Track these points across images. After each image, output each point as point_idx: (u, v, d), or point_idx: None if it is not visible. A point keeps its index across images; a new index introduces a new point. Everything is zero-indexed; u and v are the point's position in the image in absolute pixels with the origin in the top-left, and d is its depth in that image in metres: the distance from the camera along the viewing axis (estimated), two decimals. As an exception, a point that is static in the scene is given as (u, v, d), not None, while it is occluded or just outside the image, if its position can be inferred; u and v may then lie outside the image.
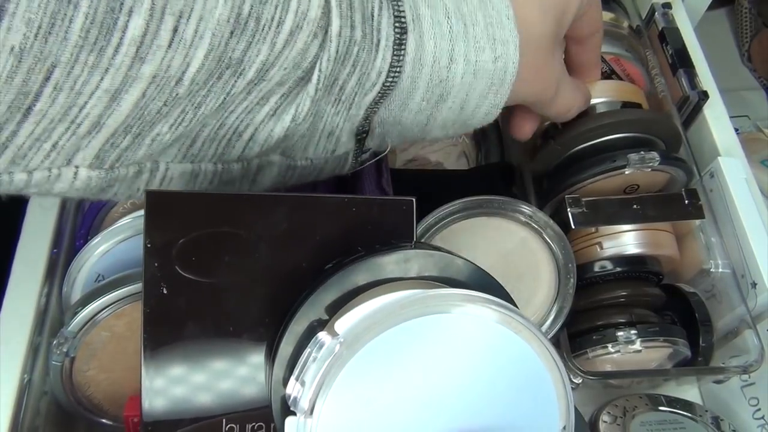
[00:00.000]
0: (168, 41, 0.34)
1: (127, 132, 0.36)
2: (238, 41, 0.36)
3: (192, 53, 0.35)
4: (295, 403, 0.32)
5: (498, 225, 0.58)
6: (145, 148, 0.38)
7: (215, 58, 0.36)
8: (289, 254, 0.37)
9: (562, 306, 0.59)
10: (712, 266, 0.64)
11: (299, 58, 0.38)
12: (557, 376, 0.34)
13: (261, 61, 0.37)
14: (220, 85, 0.37)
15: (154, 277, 0.36)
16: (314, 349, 0.32)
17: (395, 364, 0.31)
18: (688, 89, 0.70)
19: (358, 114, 0.44)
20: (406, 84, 0.43)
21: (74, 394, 0.56)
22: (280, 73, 0.39)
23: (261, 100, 0.40)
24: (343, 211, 0.39)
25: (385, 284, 0.35)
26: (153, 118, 0.36)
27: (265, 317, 0.37)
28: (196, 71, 0.35)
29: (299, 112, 0.41)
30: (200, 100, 0.37)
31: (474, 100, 0.46)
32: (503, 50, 0.44)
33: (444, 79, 0.44)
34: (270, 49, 0.37)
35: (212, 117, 0.39)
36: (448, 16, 0.43)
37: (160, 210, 0.36)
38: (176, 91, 0.36)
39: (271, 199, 0.38)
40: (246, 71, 0.37)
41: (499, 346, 0.33)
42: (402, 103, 0.44)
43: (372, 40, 0.40)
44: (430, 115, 0.46)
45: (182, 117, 0.38)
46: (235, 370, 0.38)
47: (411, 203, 0.40)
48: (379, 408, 0.31)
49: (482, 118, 0.48)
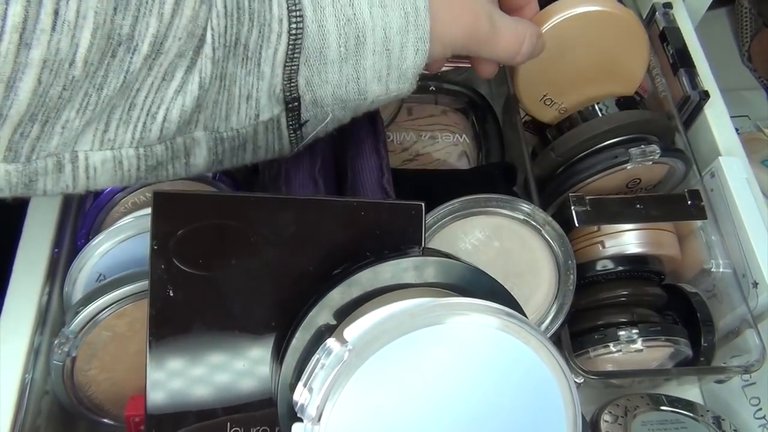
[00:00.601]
0: (51, 24, 0.34)
1: (34, 120, 0.37)
2: (123, 17, 0.36)
3: (78, 34, 0.35)
4: (302, 410, 0.32)
5: (497, 223, 0.58)
6: (57, 137, 0.38)
7: (104, 35, 0.36)
8: (296, 257, 0.37)
9: (563, 303, 0.59)
10: (713, 266, 0.64)
11: (191, 26, 0.39)
12: (565, 386, 0.33)
13: (152, 34, 0.38)
14: (116, 63, 0.37)
15: (161, 279, 0.36)
16: (323, 356, 0.32)
17: (403, 372, 0.31)
18: (689, 89, 0.70)
19: (275, 73, 0.43)
20: (313, 29, 0.42)
21: (75, 394, 0.56)
22: (176, 44, 0.39)
23: (166, 75, 0.40)
24: (351, 214, 0.38)
25: (394, 291, 0.35)
26: (56, 104, 0.37)
27: (271, 320, 0.37)
28: (86, 51, 0.36)
29: (204, 77, 0.41)
30: (100, 81, 0.38)
31: (396, 38, 0.45)
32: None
33: (351, 17, 0.43)
34: (159, 20, 0.37)
35: (119, 98, 0.39)
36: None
37: (167, 211, 0.36)
38: (71, 74, 0.36)
39: (278, 201, 0.38)
40: (140, 46, 0.38)
41: (507, 354, 0.33)
42: (319, 54, 0.44)
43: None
44: (356, 64, 0.45)
45: (86, 100, 0.38)
46: (240, 372, 0.37)
47: (420, 208, 0.40)
48: (387, 416, 0.31)
49: (413, 58, 0.47)
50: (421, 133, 0.73)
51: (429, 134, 0.73)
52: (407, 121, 0.74)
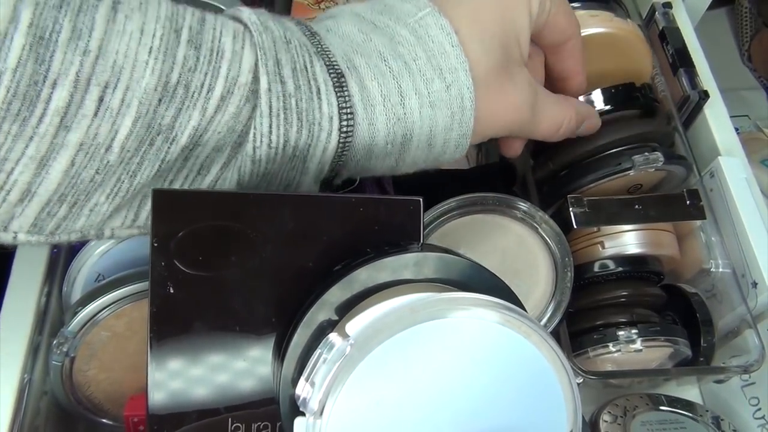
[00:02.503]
0: (94, 110, 0.34)
1: (62, 201, 0.37)
2: (167, 108, 0.36)
3: (119, 121, 0.35)
4: (304, 404, 0.32)
5: (494, 222, 0.58)
6: (84, 219, 0.38)
7: (144, 124, 0.36)
8: (295, 253, 0.37)
9: (561, 300, 0.59)
10: (712, 266, 0.64)
11: (233, 122, 0.39)
12: (565, 381, 0.34)
13: (193, 127, 0.37)
14: (153, 151, 0.37)
15: (161, 277, 0.36)
16: (324, 350, 0.32)
17: (405, 366, 0.31)
18: (689, 89, 0.70)
19: (321, 169, 0.43)
20: (363, 127, 0.42)
21: (74, 394, 0.56)
22: (214, 137, 0.39)
23: (201, 170, 0.40)
24: (349, 210, 0.39)
25: (394, 286, 0.35)
26: (87, 187, 0.37)
27: (271, 317, 0.37)
28: (125, 138, 0.36)
29: (243, 175, 0.41)
30: (134, 168, 0.37)
31: (440, 135, 0.45)
32: (453, 77, 0.43)
33: (401, 116, 0.43)
34: (201, 114, 0.37)
35: (151, 186, 0.39)
36: (384, 59, 0.43)
37: (167, 209, 0.36)
38: (107, 159, 0.36)
39: (277, 198, 0.38)
40: (178, 137, 0.37)
41: (507, 349, 0.33)
42: (367, 150, 0.44)
43: (310, 89, 0.40)
44: (399, 158, 0.45)
45: (118, 186, 0.38)
46: (241, 368, 0.37)
47: (418, 203, 0.40)
48: (389, 410, 0.31)
49: (453, 151, 0.47)
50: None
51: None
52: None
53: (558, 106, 0.52)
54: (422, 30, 0.44)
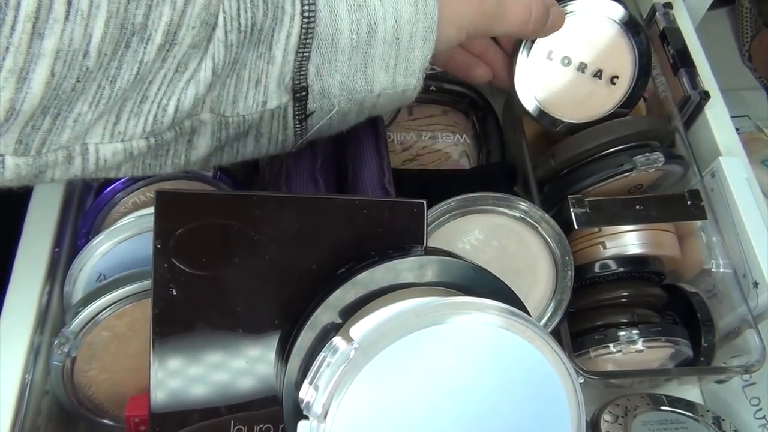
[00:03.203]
0: (64, 14, 0.34)
1: (46, 113, 0.37)
2: (137, 6, 0.36)
3: (92, 23, 0.35)
4: (308, 408, 0.32)
5: (494, 221, 0.58)
6: (68, 131, 0.38)
7: (117, 25, 0.36)
8: (299, 255, 0.37)
9: (561, 300, 0.59)
10: (713, 266, 0.64)
11: (204, 14, 0.39)
12: (569, 385, 0.34)
13: (166, 23, 0.37)
14: (130, 53, 0.37)
15: (164, 278, 0.36)
16: (329, 354, 0.32)
17: (409, 370, 0.31)
18: (690, 89, 0.70)
19: (287, 60, 0.43)
20: (325, 14, 0.43)
21: (75, 395, 0.56)
22: (190, 33, 0.39)
23: (179, 67, 0.40)
24: (353, 212, 0.38)
25: (398, 290, 0.35)
26: (69, 96, 0.37)
27: (274, 318, 0.37)
28: (100, 41, 0.35)
29: (217, 63, 0.41)
30: (114, 73, 0.37)
31: (406, 27, 0.45)
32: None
33: (362, 3, 0.43)
34: (172, 9, 0.37)
35: (132, 90, 0.39)
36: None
37: (170, 210, 0.36)
38: (85, 65, 0.36)
39: (281, 199, 0.38)
40: (153, 36, 0.37)
41: (511, 353, 0.33)
42: (331, 42, 0.44)
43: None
44: (366, 53, 0.45)
45: (100, 92, 0.38)
46: (243, 370, 0.37)
47: (422, 206, 0.40)
48: (392, 414, 0.31)
49: (421, 48, 0.47)
50: (422, 133, 0.73)
51: (429, 134, 0.73)
52: (408, 121, 0.74)
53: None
54: None
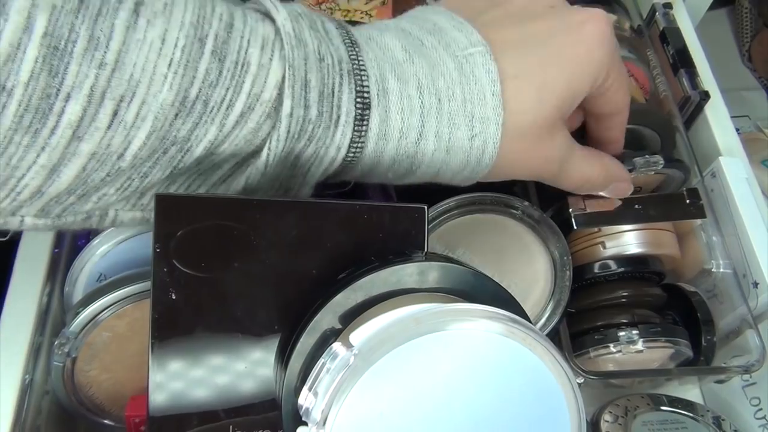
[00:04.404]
0: (107, 123, 0.33)
1: (71, 194, 0.36)
2: (183, 122, 0.36)
3: (133, 133, 0.34)
4: (307, 414, 0.32)
5: (492, 221, 0.58)
6: (91, 204, 0.38)
7: (159, 137, 0.35)
8: (299, 260, 0.37)
9: (560, 300, 0.59)
10: (713, 266, 0.64)
11: (251, 136, 0.38)
12: (570, 393, 0.33)
13: (209, 140, 0.37)
14: (166, 159, 0.37)
15: (163, 282, 0.35)
16: (328, 360, 0.32)
17: (409, 377, 0.31)
18: (690, 89, 0.70)
19: (318, 184, 0.43)
20: (368, 157, 0.41)
21: (76, 395, 0.56)
22: (231, 148, 0.38)
23: (213, 167, 0.40)
24: (354, 217, 0.38)
25: (399, 296, 0.35)
26: (97, 185, 0.36)
27: (274, 323, 0.37)
28: (138, 149, 0.35)
29: (250, 183, 0.40)
30: (146, 171, 0.37)
31: (448, 174, 0.44)
32: (482, 128, 0.42)
33: (412, 154, 0.42)
34: (219, 129, 0.37)
35: (162, 184, 0.39)
36: (420, 90, 0.41)
37: (170, 214, 0.35)
38: (118, 165, 0.35)
39: (281, 204, 0.37)
40: (193, 148, 0.37)
41: (511, 360, 0.33)
42: (368, 170, 0.43)
43: (330, 117, 0.39)
44: (399, 179, 0.45)
45: (128, 183, 0.37)
46: (242, 375, 0.37)
47: (423, 211, 0.40)
48: (392, 421, 0.31)
49: (459, 182, 0.46)
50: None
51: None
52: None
53: (590, 166, 0.51)
54: (468, 67, 0.42)
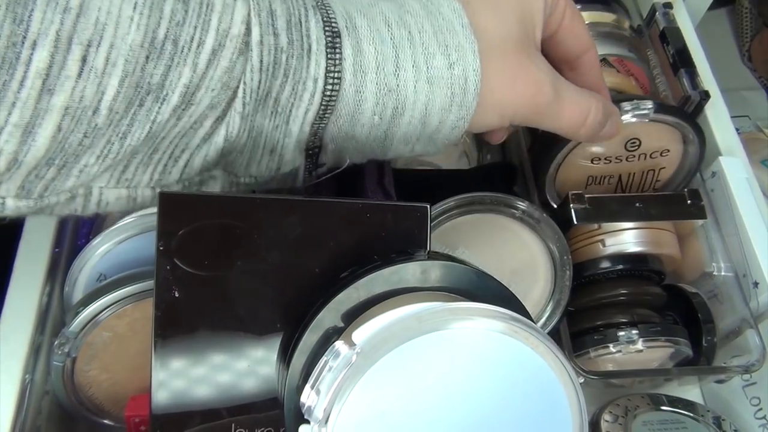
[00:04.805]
0: (77, 71, 0.32)
1: (50, 164, 0.35)
2: (155, 65, 0.35)
3: (105, 81, 0.33)
4: (309, 412, 0.32)
5: (492, 221, 0.59)
6: (73, 179, 0.37)
7: (132, 84, 0.34)
8: (301, 259, 0.37)
9: (560, 299, 0.59)
10: (714, 269, 0.64)
11: (226, 78, 0.37)
12: (572, 392, 0.33)
13: (184, 84, 0.36)
14: (143, 112, 0.36)
15: (167, 280, 0.35)
16: (330, 358, 0.32)
17: (411, 375, 0.31)
18: (690, 89, 0.70)
19: (303, 131, 0.41)
20: (350, 93, 0.40)
21: (76, 395, 0.56)
22: (208, 95, 0.37)
23: (194, 125, 0.38)
24: (357, 216, 0.38)
25: (401, 295, 0.35)
26: (75, 150, 0.35)
27: (277, 321, 0.37)
28: (112, 99, 0.34)
29: (230, 131, 0.39)
30: (124, 130, 0.36)
31: (436, 114, 0.42)
32: (458, 55, 0.41)
33: (393, 87, 0.40)
34: (192, 70, 0.36)
35: (142, 146, 0.38)
36: (389, 24, 0.40)
37: (173, 212, 0.35)
38: (94, 121, 0.34)
39: (284, 203, 0.37)
40: (169, 96, 0.36)
41: (514, 359, 0.33)
42: (351, 117, 0.41)
43: (302, 46, 0.38)
44: (387, 131, 0.43)
45: (108, 148, 0.36)
46: (245, 373, 0.37)
47: (425, 210, 0.40)
48: (394, 419, 0.31)
49: (448, 133, 0.44)
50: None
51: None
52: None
53: (582, 95, 0.48)
54: (433, 6, 0.42)
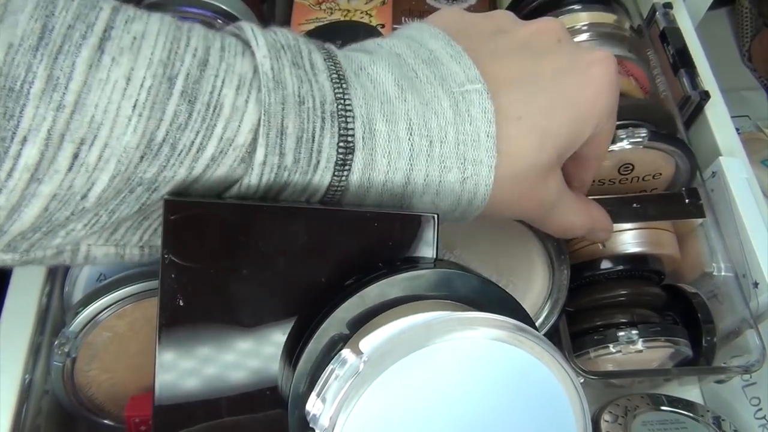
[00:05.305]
0: (67, 166, 0.32)
1: (36, 231, 0.34)
2: (149, 165, 0.34)
3: (96, 176, 0.32)
4: (314, 420, 0.32)
5: (490, 221, 0.58)
6: (60, 239, 0.36)
7: (123, 179, 0.33)
8: (307, 268, 0.37)
9: (557, 299, 0.59)
10: (714, 269, 0.64)
11: (223, 178, 0.36)
12: (576, 401, 0.33)
13: (177, 182, 0.35)
14: (133, 198, 0.35)
15: (171, 289, 0.35)
16: (337, 366, 0.32)
17: (417, 384, 0.31)
18: (690, 89, 0.70)
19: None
20: (349, 198, 0.39)
21: (75, 395, 0.56)
22: (202, 188, 0.36)
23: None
24: (364, 225, 0.38)
25: (406, 303, 0.35)
26: (62, 223, 0.34)
27: (281, 329, 0.37)
28: (102, 191, 0.33)
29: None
30: (113, 208, 0.35)
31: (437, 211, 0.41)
32: (474, 170, 0.40)
33: (398, 195, 0.39)
34: (188, 172, 0.35)
35: (132, 218, 0.37)
36: (410, 131, 0.38)
37: (178, 220, 0.35)
38: (82, 205, 0.34)
39: (290, 210, 0.37)
40: (161, 188, 0.35)
41: (519, 369, 0.32)
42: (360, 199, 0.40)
43: (309, 162, 0.37)
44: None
45: (96, 219, 0.35)
46: (250, 381, 0.37)
47: (434, 219, 0.39)
48: (399, 429, 0.31)
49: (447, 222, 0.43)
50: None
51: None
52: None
53: (576, 215, 0.49)
54: (464, 105, 0.40)
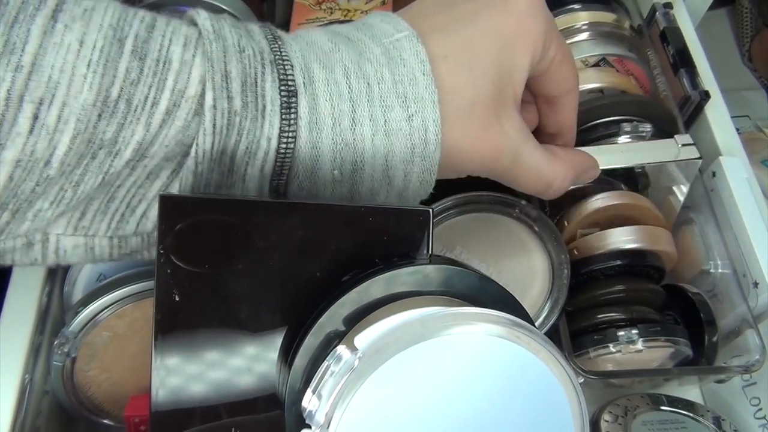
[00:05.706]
0: (28, 128, 0.33)
1: (3, 209, 0.35)
2: (108, 123, 0.35)
3: (57, 138, 0.34)
4: (310, 416, 0.32)
5: (490, 220, 0.59)
6: (28, 223, 0.37)
7: (84, 140, 0.34)
8: (302, 262, 0.37)
9: (558, 298, 0.59)
10: (712, 267, 0.64)
11: (181, 135, 0.37)
12: (574, 397, 0.33)
13: (137, 141, 0.36)
14: (95, 164, 0.36)
15: (167, 284, 0.35)
16: (332, 363, 0.32)
17: (413, 381, 0.31)
18: (690, 89, 0.70)
19: (262, 188, 0.41)
20: (305, 150, 0.40)
21: (75, 395, 0.56)
22: (162, 149, 0.37)
23: (150, 176, 0.39)
24: (358, 220, 0.38)
25: (402, 299, 0.35)
26: (28, 197, 0.35)
27: (278, 326, 0.37)
28: (64, 154, 0.34)
29: (184, 187, 0.39)
30: (77, 179, 0.36)
31: (399, 167, 0.41)
32: (418, 107, 0.40)
33: (350, 142, 0.40)
34: (145, 129, 0.36)
35: (98, 192, 0.38)
36: (347, 76, 0.40)
37: (174, 216, 0.35)
38: (46, 173, 0.35)
39: (286, 206, 0.37)
40: (122, 151, 0.36)
41: (516, 365, 0.32)
42: (310, 174, 0.41)
43: (256, 107, 0.38)
44: (352, 187, 0.42)
45: (61, 194, 0.36)
46: (246, 377, 0.37)
47: (428, 214, 0.39)
48: (396, 424, 0.31)
49: (417, 187, 0.43)
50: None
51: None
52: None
53: (549, 164, 0.47)
54: (395, 52, 0.41)
